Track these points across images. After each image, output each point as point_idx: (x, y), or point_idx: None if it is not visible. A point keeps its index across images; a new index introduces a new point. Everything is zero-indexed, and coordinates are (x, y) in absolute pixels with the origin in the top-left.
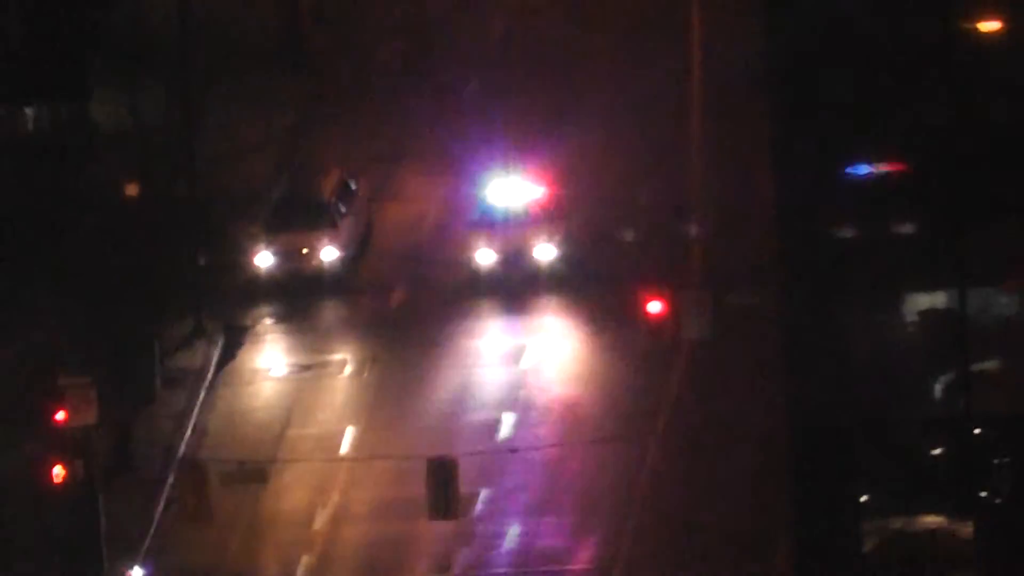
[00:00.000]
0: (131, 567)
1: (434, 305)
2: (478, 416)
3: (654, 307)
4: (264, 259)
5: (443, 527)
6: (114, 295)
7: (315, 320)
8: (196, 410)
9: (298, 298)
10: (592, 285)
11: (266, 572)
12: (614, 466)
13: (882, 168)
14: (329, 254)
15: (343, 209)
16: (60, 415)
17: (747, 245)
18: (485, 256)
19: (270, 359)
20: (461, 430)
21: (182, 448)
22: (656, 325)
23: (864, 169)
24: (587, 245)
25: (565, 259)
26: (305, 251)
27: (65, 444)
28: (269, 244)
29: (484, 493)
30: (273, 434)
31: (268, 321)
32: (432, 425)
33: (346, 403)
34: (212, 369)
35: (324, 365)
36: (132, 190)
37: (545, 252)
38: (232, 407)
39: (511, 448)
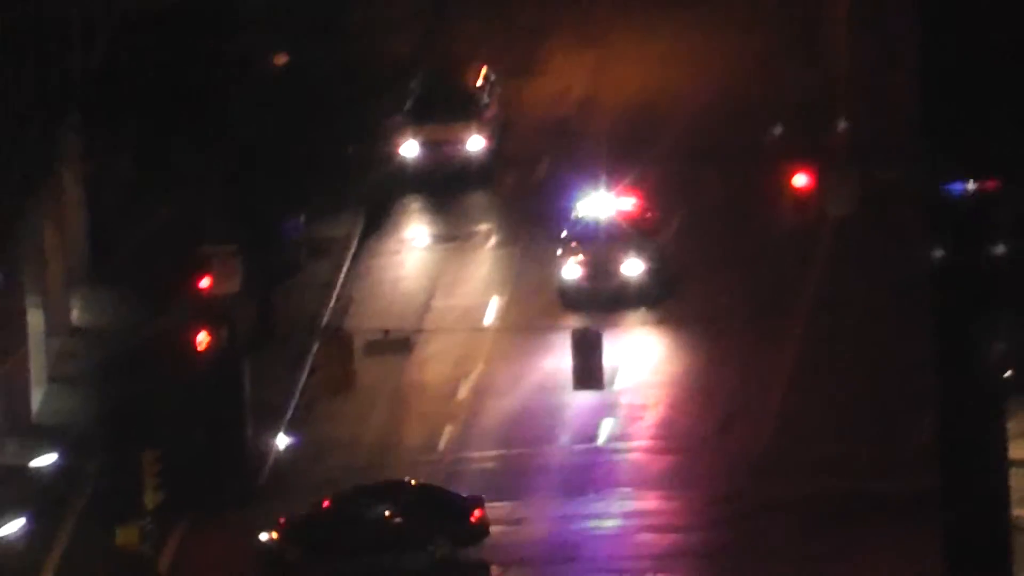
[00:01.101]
0: (274, 435)
1: (577, 176)
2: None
3: (800, 180)
4: (410, 149)
5: (587, 398)
6: (261, 165)
7: (460, 197)
8: (341, 280)
9: (444, 182)
10: (739, 160)
11: (409, 442)
12: (761, 342)
13: None
14: (475, 144)
15: (486, 99)
16: (205, 283)
17: (892, 122)
18: (572, 271)
19: (415, 230)
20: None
21: (326, 317)
22: (801, 200)
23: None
24: (734, 125)
25: (653, 273)
26: (451, 142)
27: (210, 312)
28: (415, 134)
29: (629, 366)
30: (418, 304)
31: (414, 196)
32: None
33: (491, 274)
34: (357, 239)
35: (469, 236)
36: (280, 60)
37: (633, 267)
38: (377, 277)
39: (657, 320)
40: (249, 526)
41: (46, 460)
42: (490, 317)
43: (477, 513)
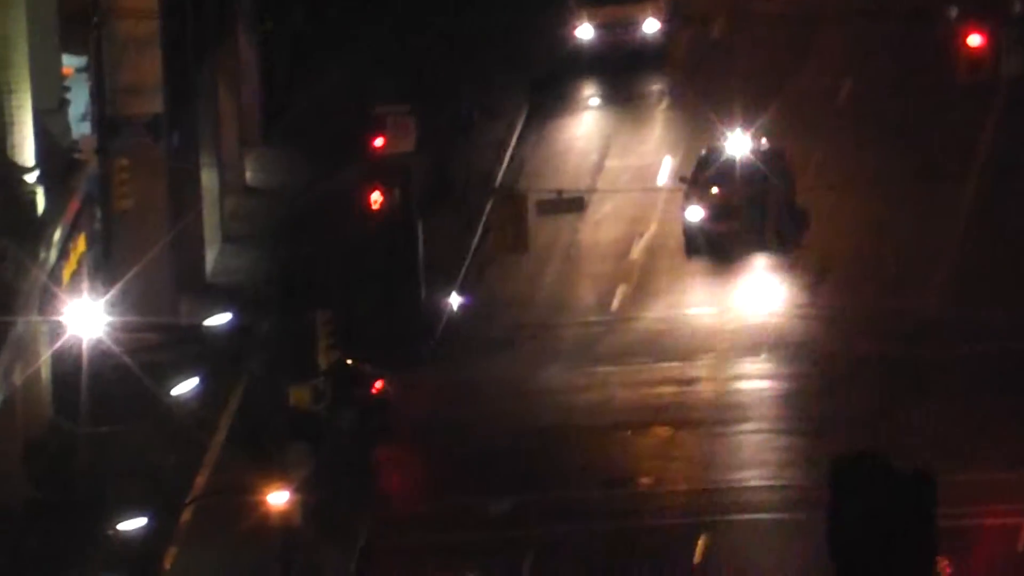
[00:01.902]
0: (448, 295)
1: (752, 36)
2: (795, 148)
3: (974, 40)
4: (585, 32)
5: (760, 260)
6: (435, 28)
7: (633, 63)
8: (514, 140)
9: (619, 65)
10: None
11: (582, 302)
12: (931, 205)
13: None
14: (651, 26)
15: None
16: (379, 142)
17: None
18: (695, 212)
19: (588, 92)
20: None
21: (500, 177)
22: (975, 60)
23: None
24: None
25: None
26: (626, 24)
27: (384, 172)
28: (591, 17)
29: (799, 232)
30: (591, 164)
31: (587, 64)
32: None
33: (663, 134)
34: (530, 101)
35: (643, 96)
36: None
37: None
38: (550, 137)
39: (829, 186)
40: (424, 386)
41: (220, 319)
42: (663, 177)
43: (378, 385)
